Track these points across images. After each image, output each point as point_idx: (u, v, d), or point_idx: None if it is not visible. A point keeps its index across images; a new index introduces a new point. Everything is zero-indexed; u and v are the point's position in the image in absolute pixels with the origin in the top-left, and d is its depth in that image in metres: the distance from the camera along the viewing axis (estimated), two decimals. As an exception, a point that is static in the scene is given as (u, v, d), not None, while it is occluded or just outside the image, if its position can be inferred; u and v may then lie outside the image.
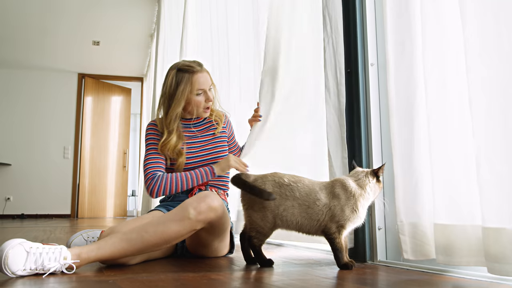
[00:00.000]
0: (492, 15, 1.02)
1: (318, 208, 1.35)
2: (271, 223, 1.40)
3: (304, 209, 1.36)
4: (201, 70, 1.78)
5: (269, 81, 2.00)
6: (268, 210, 1.39)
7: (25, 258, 1.19)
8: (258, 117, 1.95)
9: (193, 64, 1.78)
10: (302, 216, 1.37)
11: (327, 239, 1.37)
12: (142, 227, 1.40)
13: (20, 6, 5.23)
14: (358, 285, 1.09)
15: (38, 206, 6.86)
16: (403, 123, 1.34)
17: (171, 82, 1.76)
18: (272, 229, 1.43)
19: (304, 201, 1.37)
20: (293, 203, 1.37)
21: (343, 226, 1.33)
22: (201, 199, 1.45)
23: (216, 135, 1.86)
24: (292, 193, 1.38)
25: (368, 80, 1.62)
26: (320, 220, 1.35)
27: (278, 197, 1.38)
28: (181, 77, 1.75)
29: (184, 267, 1.44)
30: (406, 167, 1.32)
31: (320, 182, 1.42)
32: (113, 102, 7.62)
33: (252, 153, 1.90)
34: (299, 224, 1.38)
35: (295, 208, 1.37)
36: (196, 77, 1.75)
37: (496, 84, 1.00)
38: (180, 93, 1.74)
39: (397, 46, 1.37)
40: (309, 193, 1.37)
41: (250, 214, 1.44)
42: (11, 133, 6.95)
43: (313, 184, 1.40)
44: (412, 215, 1.30)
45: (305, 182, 1.40)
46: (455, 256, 1.14)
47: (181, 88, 1.74)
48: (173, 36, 4.39)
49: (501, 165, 0.98)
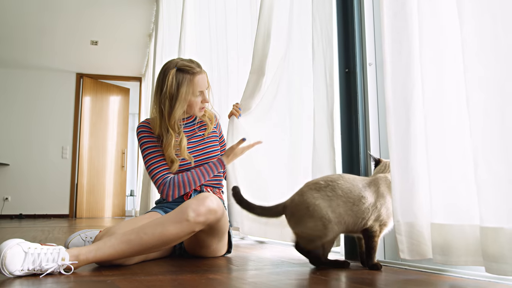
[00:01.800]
0: (490, 15, 1.02)
1: (364, 206, 1.30)
2: (327, 231, 1.30)
3: (350, 206, 1.30)
4: (201, 71, 1.78)
5: (255, 79, 2.02)
6: (316, 218, 1.30)
7: (23, 258, 1.19)
8: (237, 110, 2.03)
9: (192, 64, 1.76)
10: (348, 214, 1.30)
11: (366, 237, 1.33)
12: (140, 228, 1.40)
13: (18, 5, 5.22)
14: (356, 284, 1.09)
15: (36, 206, 6.85)
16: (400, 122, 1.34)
17: (171, 82, 1.72)
18: (329, 235, 1.32)
19: (348, 198, 1.30)
20: (338, 201, 1.30)
21: (385, 224, 1.33)
22: (200, 201, 1.45)
23: (206, 135, 1.86)
24: (334, 192, 1.31)
25: (366, 79, 1.63)
26: (366, 219, 1.31)
27: (320, 201, 1.30)
28: (182, 78, 1.73)
29: (182, 267, 1.44)
30: (403, 167, 1.32)
31: (362, 178, 1.38)
32: (112, 102, 7.61)
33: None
34: (346, 224, 1.31)
35: (340, 206, 1.29)
36: (197, 79, 1.75)
37: (494, 83, 1.00)
38: (183, 95, 1.72)
39: (394, 45, 1.37)
40: (352, 189, 1.31)
41: (299, 227, 1.34)
42: (9, 133, 6.93)
43: (354, 180, 1.34)
44: (409, 215, 1.30)
45: (345, 178, 1.34)
46: (453, 256, 1.14)
47: (183, 90, 1.72)
48: (171, 36, 4.38)
49: (498, 164, 0.99)
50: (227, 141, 2.02)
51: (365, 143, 1.61)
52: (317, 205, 1.29)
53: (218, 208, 1.48)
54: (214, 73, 2.84)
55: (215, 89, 1.92)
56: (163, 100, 1.74)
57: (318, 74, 1.71)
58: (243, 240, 2.57)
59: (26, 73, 7.07)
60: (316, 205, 1.29)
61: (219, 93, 2.74)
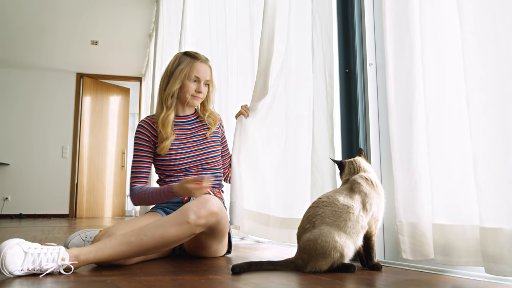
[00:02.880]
0: (490, 15, 1.02)
1: (356, 215, 1.26)
2: (343, 257, 1.25)
3: (344, 225, 1.26)
4: (205, 61, 1.84)
5: (263, 81, 2.02)
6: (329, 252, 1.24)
7: (22, 258, 1.19)
8: (246, 110, 2.05)
9: (199, 54, 1.85)
10: (348, 234, 1.26)
11: (365, 239, 1.30)
12: (141, 230, 1.40)
13: (18, 5, 5.22)
14: (356, 285, 1.09)
15: (36, 206, 6.84)
16: (402, 123, 1.34)
17: (173, 61, 1.84)
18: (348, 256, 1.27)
19: (338, 219, 1.26)
20: (332, 229, 1.25)
21: (377, 219, 1.31)
22: (201, 203, 1.44)
23: (207, 136, 1.86)
24: (324, 222, 1.27)
25: (367, 80, 1.62)
26: (364, 224, 1.28)
27: (323, 235, 1.24)
28: (184, 59, 1.82)
29: (182, 267, 1.44)
30: (405, 168, 1.32)
31: (338, 190, 1.35)
32: (112, 101, 7.60)
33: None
34: (353, 240, 1.27)
35: (339, 234, 1.25)
36: (197, 64, 1.81)
37: (494, 84, 1.00)
38: (178, 72, 1.79)
39: (396, 45, 1.36)
40: (336, 210, 1.27)
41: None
42: (9, 133, 6.93)
43: (332, 198, 1.30)
44: (411, 215, 1.30)
45: (323, 203, 1.30)
46: (454, 256, 1.14)
47: (180, 67, 1.80)
48: (171, 36, 4.38)
49: (499, 165, 0.98)
50: (234, 140, 2.04)
51: (365, 144, 1.61)
52: (323, 240, 1.23)
53: (220, 211, 1.48)
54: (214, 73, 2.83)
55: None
56: (164, 77, 1.85)
57: (317, 74, 1.71)
58: (243, 240, 2.57)
59: (27, 72, 7.07)
60: (322, 241, 1.23)
61: (219, 93, 2.74)
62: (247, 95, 2.43)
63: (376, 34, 1.67)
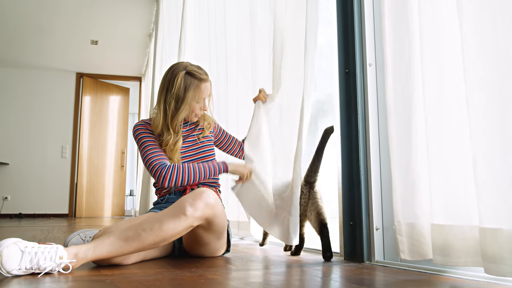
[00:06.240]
0: (489, 15, 1.01)
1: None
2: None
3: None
4: (207, 79, 1.79)
5: (277, 75, 2.00)
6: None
7: (20, 257, 1.19)
8: (265, 96, 1.97)
9: (200, 71, 1.78)
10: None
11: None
12: (139, 225, 1.40)
13: (17, 4, 5.22)
14: (355, 285, 1.09)
15: (36, 206, 6.84)
16: (401, 124, 1.34)
17: (179, 84, 1.72)
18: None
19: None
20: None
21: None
22: (197, 196, 1.46)
23: (200, 138, 1.86)
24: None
25: (366, 80, 1.62)
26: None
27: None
28: (190, 82, 1.74)
29: (181, 266, 1.44)
30: (404, 168, 1.32)
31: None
32: (111, 101, 7.61)
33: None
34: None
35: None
36: (203, 86, 1.76)
37: (494, 84, 1.00)
38: (189, 99, 1.74)
39: (395, 46, 1.36)
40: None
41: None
42: (9, 132, 6.93)
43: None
44: (410, 216, 1.30)
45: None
46: (453, 257, 1.14)
47: (189, 94, 1.73)
48: (171, 36, 4.38)
49: (498, 165, 0.98)
50: (251, 123, 1.97)
51: (365, 144, 1.61)
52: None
53: (215, 203, 1.49)
54: (213, 73, 2.84)
55: (214, 89, 1.92)
56: (169, 100, 1.74)
57: (307, 76, 1.71)
58: (243, 240, 2.57)
59: (26, 72, 7.07)
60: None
61: (218, 93, 2.73)
62: (248, 94, 2.43)
63: (376, 34, 1.67)
